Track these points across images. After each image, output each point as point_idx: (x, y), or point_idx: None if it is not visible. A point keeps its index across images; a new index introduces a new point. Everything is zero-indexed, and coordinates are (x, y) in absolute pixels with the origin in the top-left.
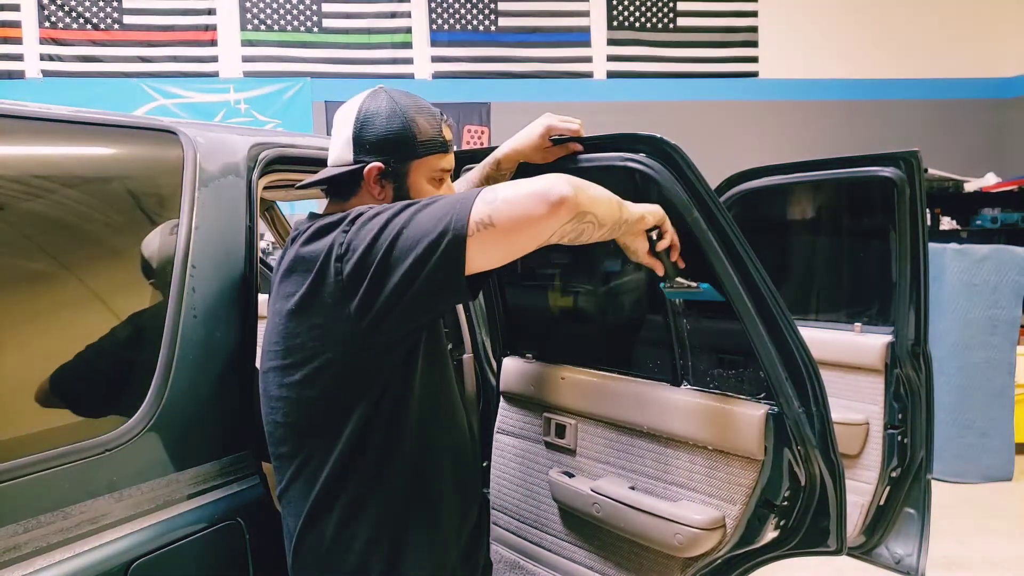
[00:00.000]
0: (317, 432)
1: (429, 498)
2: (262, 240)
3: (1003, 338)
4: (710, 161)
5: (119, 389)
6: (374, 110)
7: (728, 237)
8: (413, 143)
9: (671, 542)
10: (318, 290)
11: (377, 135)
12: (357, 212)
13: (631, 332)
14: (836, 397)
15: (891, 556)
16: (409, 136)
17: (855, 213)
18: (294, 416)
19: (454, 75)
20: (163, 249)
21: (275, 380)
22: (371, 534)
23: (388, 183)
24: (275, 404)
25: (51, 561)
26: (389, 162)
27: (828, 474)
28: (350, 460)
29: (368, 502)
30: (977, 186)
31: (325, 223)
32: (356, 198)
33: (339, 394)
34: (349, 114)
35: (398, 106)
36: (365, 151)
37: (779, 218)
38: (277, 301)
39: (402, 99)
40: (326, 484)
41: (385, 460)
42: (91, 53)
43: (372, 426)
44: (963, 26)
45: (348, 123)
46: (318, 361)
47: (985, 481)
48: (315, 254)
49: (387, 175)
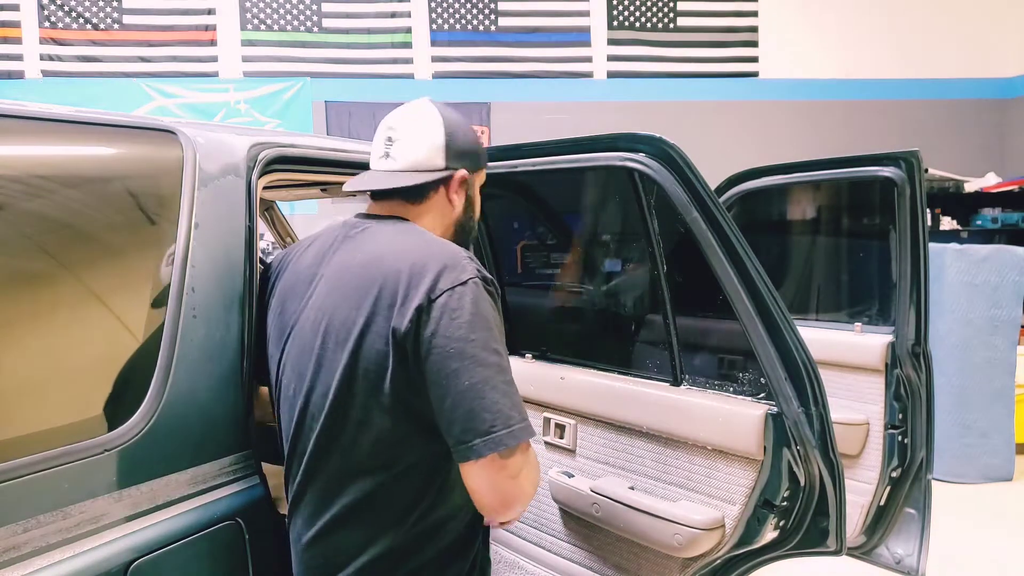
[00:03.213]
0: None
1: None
2: (262, 240)
3: (1003, 338)
4: (710, 161)
5: (119, 389)
6: (454, 119)
7: (728, 237)
8: (482, 155)
9: (670, 542)
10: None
11: (465, 142)
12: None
13: (631, 332)
14: (836, 397)
15: (891, 556)
16: (480, 149)
17: (855, 213)
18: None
19: (454, 75)
20: (162, 254)
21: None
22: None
23: (462, 190)
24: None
25: (51, 561)
26: (470, 171)
27: (828, 474)
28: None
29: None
30: (977, 186)
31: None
32: (430, 201)
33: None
34: (429, 119)
35: (464, 120)
36: (455, 157)
37: (779, 218)
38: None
39: (459, 114)
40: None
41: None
42: (91, 53)
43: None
44: (963, 26)
45: (435, 128)
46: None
47: (985, 481)
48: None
49: (463, 183)
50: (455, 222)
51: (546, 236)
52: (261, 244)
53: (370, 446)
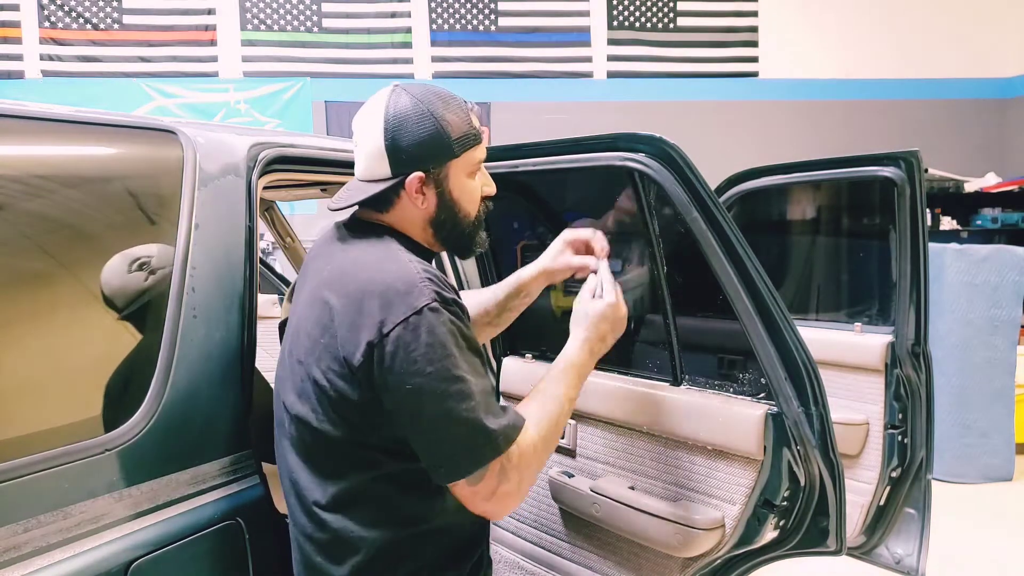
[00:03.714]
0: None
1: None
2: (262, 240)
3: (1003, 338)
4: (710, 161)
5: (119, 389)
6: (401, 114)
7: (728, 237)
8: (448, 143)
9: (670, 542)
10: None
11: (411, 142)
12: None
13: (631, 332)
14: (836, 397)
15: (891, 556)
16: (444, 136)
17: (855, 213)
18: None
19: (454, 75)
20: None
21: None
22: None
23: (429, 189)
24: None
25: (51, 561)
26: (429, 169)
27: (828, 474)
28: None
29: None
30: (977, 186)
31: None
32: (396, 208)
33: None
34: (373, 122)
35: (423, 105)
36: (402, 162)
37: (779, 218)
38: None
39: (425, 95)
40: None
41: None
42: (91, 53)
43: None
44: (963, 26)
45: (376, 133)
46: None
47: (985, 481)
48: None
49: (427, 182)
50: (431, 222)
51: (546, 236)
52: (261, 244)
53: (349, 451)
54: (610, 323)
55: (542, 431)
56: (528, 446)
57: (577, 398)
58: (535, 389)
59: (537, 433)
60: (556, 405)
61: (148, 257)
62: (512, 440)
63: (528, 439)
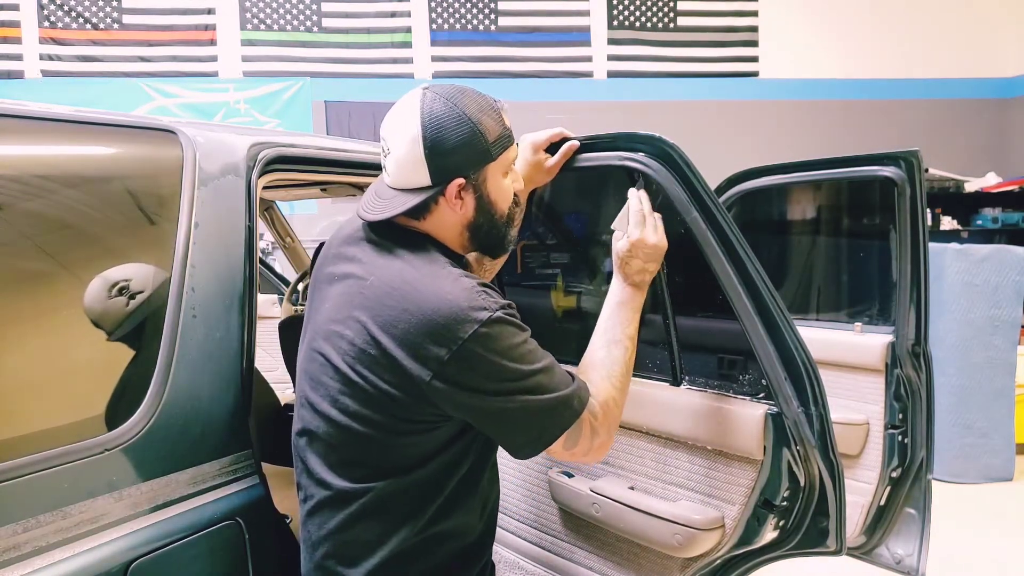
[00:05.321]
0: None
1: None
2: (262, 240)
3: (1004, 338)
4: (710, 161)
5: (119, 388)
6: (437, 121)
7: (728, 237)
8: (487, 147)
9: (670, 542)
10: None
11: (450, 149)
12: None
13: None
14: (836, 397)
15: (891, 556)
16: (482, 141)
17: (855, 213)
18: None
19: (454, 75)
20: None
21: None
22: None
23: (468, 194)
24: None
25: (51, 561)
26: (468, 175)
27: (827, 474)
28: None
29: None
30: (978, 186)
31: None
32: (432, 215)
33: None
34: (407, 129)
35: (458, 109)
36: (442, 170)
37: (779, 218)
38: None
39: (458, 98)
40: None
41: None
42: (91, 53)
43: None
44: (963, 26)
45: (411, 141)
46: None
47: (985, 481)
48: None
49: (466, 187)
50: (468, 227)
51: (546, 236)
52: (261, 244)
53: (379, 454)
54: (641, 257)
55: (615, 379)
56: (608, 397)
57: (637, 332)
58: (595, 339)
59: (611, 383)
60: (620, 349)
61: (148, 257)
62: (586, 399)
63: (604, 391)
